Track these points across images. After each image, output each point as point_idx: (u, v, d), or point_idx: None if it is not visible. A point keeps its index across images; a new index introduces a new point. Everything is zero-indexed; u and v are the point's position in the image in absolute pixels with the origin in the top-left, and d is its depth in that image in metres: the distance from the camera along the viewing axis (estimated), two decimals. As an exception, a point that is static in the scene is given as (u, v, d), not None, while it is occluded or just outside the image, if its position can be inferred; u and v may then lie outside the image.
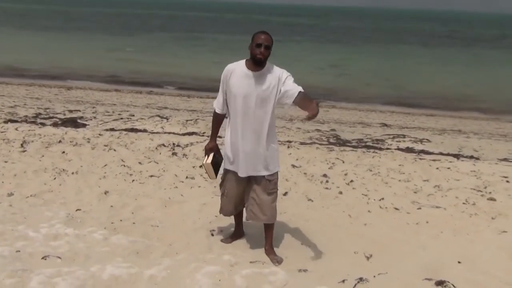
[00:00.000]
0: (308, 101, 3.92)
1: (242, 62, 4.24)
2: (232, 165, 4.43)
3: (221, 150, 4.60)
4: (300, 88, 4.06)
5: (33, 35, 44.99)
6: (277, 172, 4.50)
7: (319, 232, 5.20)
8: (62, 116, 11.38)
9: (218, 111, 4.44)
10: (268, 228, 4.66)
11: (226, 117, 4.48)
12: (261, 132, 4.26)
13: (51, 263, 4.01)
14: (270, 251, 4.66)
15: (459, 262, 4.65)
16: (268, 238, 4.69)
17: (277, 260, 4.54)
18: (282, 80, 4.14)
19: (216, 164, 4.52)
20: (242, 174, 4.38)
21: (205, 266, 4.14)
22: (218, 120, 4.52)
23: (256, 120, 4.21)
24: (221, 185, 4.70)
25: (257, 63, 4.13)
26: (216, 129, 4.56)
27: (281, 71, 4.20)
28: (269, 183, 4.43)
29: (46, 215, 5.20)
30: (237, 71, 4.21)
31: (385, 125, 14.71)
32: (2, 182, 6.28)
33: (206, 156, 4.52)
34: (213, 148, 4.53)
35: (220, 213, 4.83)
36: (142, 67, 28.16)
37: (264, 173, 4.38)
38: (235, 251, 4.65)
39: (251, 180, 4.45)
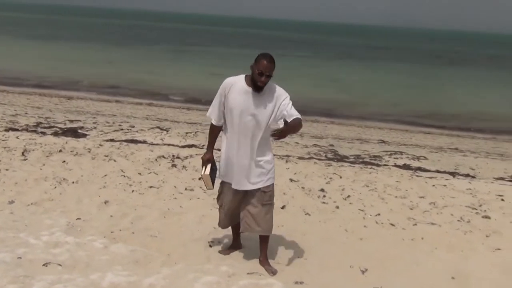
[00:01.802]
0: (297, 126, 4.17)
1: (242, 77, 4.34)
2: (228, 178, 4.52)
3: (217, 163, 4.69)
4: (298, 115, 4.23)
5: (25, 43, 45.20)
6: (272, 184, 4.58)
7: (315, 246, 5.28)
8: (62, 126, 11.46)
9: (214, 123, 4.53)
10: (263, 240, 4.73)
11: (222, 130, 4.58)
12: (257, 146, 4.36)
13: (52, 270, 4.08)
14: (265, 262, 4.73)
15: (452, 278, 4.74)
16: (263, 249, 4.76)
17: (271, 271, 4.60)
18: (280, 100, 4.27)
19: (213, 174, 4.61)
20: (236, 186, 4.47)
21: (203, 276, 4.21)
22: (214, 131, 4.62)
23: (252, 135, 4.31)
24: (218, 198, 4.79)
25: (257, 89, 4.24)
26: (213, 140, 4.65)
27: (281, 91, 4.33)
28: (264, 194, 4.51)
29: (47, 223, 5.28)
30: (237, 86, 4.30)
31: (383, 141, 14.81)
32: (3, 190, 6.36)
33: (204, 167, 4.60)
34: (210, 159, 4.61)
35: (218, 226, 4.90)
36: (140, 78, 28.28)
37: (260, 186, 4.47)
38: (232, 262, 4.73)
39: (247, 192, 4.53)
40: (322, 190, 7.31)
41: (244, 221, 4.59)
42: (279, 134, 4.06)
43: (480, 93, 31.06)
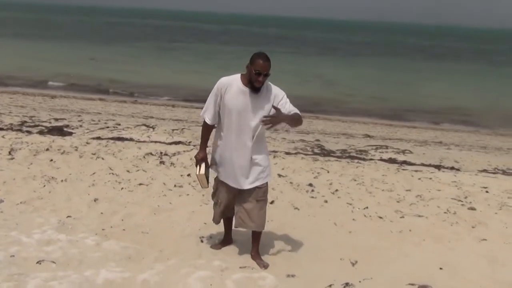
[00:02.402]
0: (297, 119, 4.28)
1: (238, 77, 4.35)
2: (226, 177, 4.55)
3: (208, 158, 4.72)
4: (296, 110, 4.31)
5: (13, 42, 44.71)
6: (266, 182, 4.63)
7: (305, 239, 5.34)
8: (48, 124, 11.39)
9: (209, 122, 4.51)
10: (256, 235, 4.78)
11: (215, 128, 4.61)
12: (254, 145, 4.40)
13: (46, 268, 4.10)
14: (256, 256, 4.79)
15: (440, 269, 4.83)
16: (255, 244, 4.81)
17: (263, 265, 4.67)
18: (278, 100, 4.30)
19: (207, 172, 4.64)
20: (235, 185, 4.51)
21: (196, 271, 4.26)
22: (208, 130, 4.63)
23: (250, 134, 4.34)
24: (213, 195, 4.82)
25: (255, 89, 4.25)
26: (206, 139, 4.67)
27: (277, 90, 4.37)
28: (259, 190, 4.55)
29: (38, 221, 5.28)
30: (233, 87, 4.30)
31: (368, 136, 14.95)
32: (-8, 189, 6.33)
33: (198, 167, 4.61)
34: (203, 158, 4.61)
35: (213, 222, 4.93)
36: (123, 76, 28.15)
37: (257, 184, 4.51)
38: (224, 257, 4.78)
39: (242, 191, 4.57)
40: (310, 184, 7.38)
41: (238, 217, 4.63)
42: (270, 121, 4.09)
43: (464, 87, 31.44)
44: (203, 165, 4.60)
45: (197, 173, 4.60)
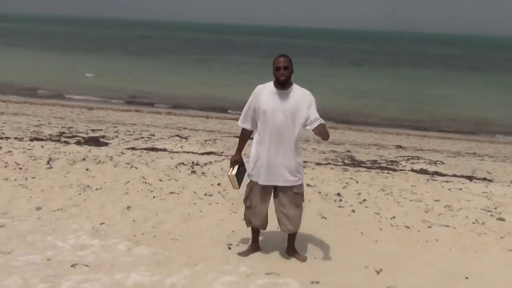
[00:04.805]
0: (323, 132, 4.43)
1: (271, 83, 4.73)
2: (260, 176, 4.78)
3: (246, 163, 4.94)
4: (321, 120, 4.53)
5: (52, 55, 46.15)
6: (302, 185, 4.91)
7: (331, 248, 5.43)
8: (85, 135, 11.77)
9: (245, 127, 4.86)
10: (293, 234, 5.10)
11: (253, 132, 4.88)
12: (289, 145, 4.68)
13: (79, 271, 4.30)
14: (294, 252, 5.12)
15: (466, 278, 4.84)
16: (291, 241, 5.13)
17: (302, 258, 5.01)
18: (308, 101, 4.63)
19: (240, 175, 4.86)
20: (268, 182, 4.76)
21: (222, 276, 4.39)
22: (245, 135, 4.95)
23: (284, 134, 4.64)
24: (246, 199, 5.00)
25: (282, 84, 4.62)
26: (243, 143, 4.96)
27: (307, 92, 4.72)
28: (298, 196, 4.86)
29: (73, 227, 5.51)
30: (266, 90, 4.69)
31: (400, 147, 14.89)
32: (31, 196, 6.62)
33: (231, 168, 4.85)
34: (238, 161, 4.89)
35: (248, 226, 5.14)
36: (158, 88, 28.70)
37: (292, 181, 4.77)
38: (251, 263, 4.90)
39: (278, 193, 4.82)
40: (338, 194, 7.45)
41: (281, 223, 4.93)
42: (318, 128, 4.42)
43: (498, 98, 30.89)
44: (236, 167, 4.84)
45: (229, 173, 4.82)
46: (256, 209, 4.90)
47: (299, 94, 4.67)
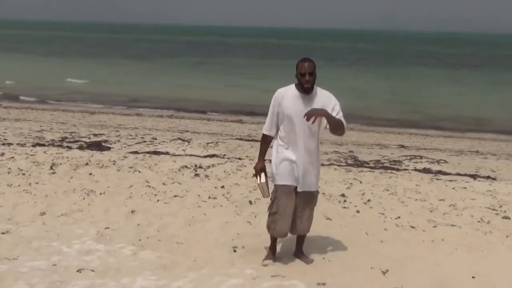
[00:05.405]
0: (340, 124, 4.54)
1: (292, 86, 4.66)
2: (289, 179, 4.70)
3: (267, 170, 4.88)
4: (343, 119, 4.59)
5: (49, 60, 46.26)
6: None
7: (337, 249, 5.41)
8: (87, 140, 11.78)
9: (266, 133, 4.79)
10: (302, 236, 5.10)
11: (275, 139, 4.81)
12: (314, 149, 4.67)
13: (85, 276, 4.30)
14: (302, 255, 5.09)
15: (473, 277, 4.83)
16: (300, 244, 5.12)
17: (309, 261, 4.98)
18: (332, 103, 4.60)
19: (267, 182, 4.82)
20: (303, 189, 4.72)
21: (228, 279, 4.38)
22: (266, 141, 4.87)
23: (309, 138, 4.61)
24: (270, 206, 4.85)
25: (306, 91, 4.54)
26: (265, 150, 4.88)
27: (330, 94, 4.67)
28: (313, 198, 4.87)
29: (78, 232, 5.51)
30: (288, 94, 4.61)
31: (403, 146, 14.88)
32: (35, 202, 6.62)
33: (258, 177, 4.80)
34: (263, 169, 4.82)
35: (271, 234, 4.93)
36: (160, 91, 28.73)
37: (315, 186, 4.81)
38: (257, 266, 4.88)
39: (299, 196, 4.78)
40: (342, 195, 7.44)
41: (294, 225, 4.88)
42: (313, 112, 4.39)
43: (500, 96, 30.84)
44: (263, 175, 4.79)
45: (259, 182, 4.79)
46: (285, 212, 4.75)
47: (323, 97, 4.61)
